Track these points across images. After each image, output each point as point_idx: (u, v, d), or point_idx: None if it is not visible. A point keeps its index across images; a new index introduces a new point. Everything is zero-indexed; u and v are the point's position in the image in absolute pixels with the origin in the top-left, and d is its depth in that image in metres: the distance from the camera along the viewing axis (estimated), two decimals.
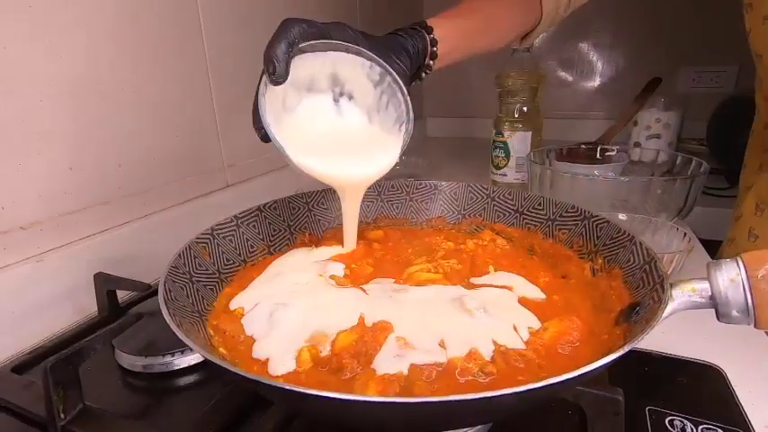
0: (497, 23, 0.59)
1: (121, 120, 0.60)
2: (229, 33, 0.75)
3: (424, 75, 0.52)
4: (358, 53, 0.43)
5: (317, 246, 0.50)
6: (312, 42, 0.40)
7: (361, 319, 0.34)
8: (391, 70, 0.44)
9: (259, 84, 0.39)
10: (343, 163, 0.43)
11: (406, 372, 0.29)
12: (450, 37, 0.51)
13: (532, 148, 0.92)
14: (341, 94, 0.45)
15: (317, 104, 0.43)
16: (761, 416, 0.37)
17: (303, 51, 0.40)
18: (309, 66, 0.41)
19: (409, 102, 0.45)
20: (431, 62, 0.51)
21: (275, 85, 0.38)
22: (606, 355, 0.25)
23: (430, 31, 0.49)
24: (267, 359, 0.33)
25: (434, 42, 0.49)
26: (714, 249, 0.69)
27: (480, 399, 0.22)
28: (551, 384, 0.23)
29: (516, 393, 0.23)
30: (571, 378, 0.23)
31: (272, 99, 0.40)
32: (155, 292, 0.55)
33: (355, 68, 0.43)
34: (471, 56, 0.57)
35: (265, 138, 0.40)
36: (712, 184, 0.94)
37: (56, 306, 0.54)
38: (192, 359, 0.45)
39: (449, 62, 0.53)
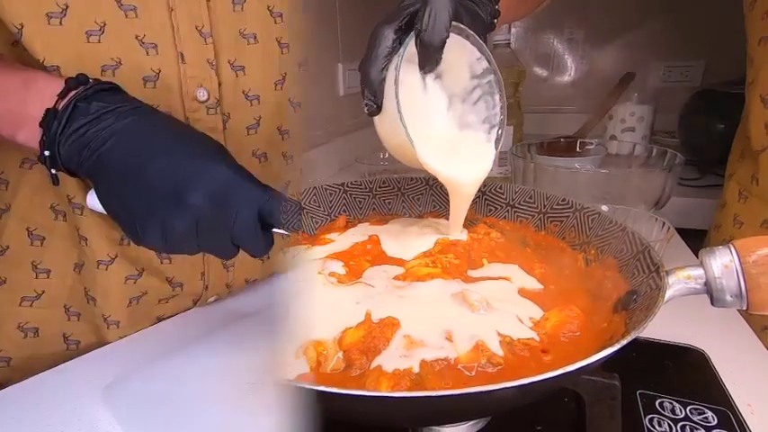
0: None
1: None
2: None
3: None
4: (474, 43, 0.41)
5: (311, 244, 0.49)
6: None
7: (368, 315, 0.34)
8: (497, 71, 0.42)
9: (388, 63, 0.37)
10: (461, 166, 0.43)
11: (417, 367, 0.30)
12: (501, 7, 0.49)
13: (514, 142, 0.93)
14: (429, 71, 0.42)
15: (410, 78, 0.40)
16: (742, 394, 0.39)
17: None
18: None
19: (506, 106, 0.43)
20: (486, 35, 0.48)
21: (426, 74, 0.38)
22: (609, 343, 0.26)
23: (496, 1, 0.46)
24: None
25: (497, 14, 0.46)
26: (689, 237, 0.71)
27: (497, 390, 0.23)
28: (565, 374, 0.24)
29: (531, 383, 0.23)
30: (582, 366, 0.24)
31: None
32: None
33: (462, 54, 0.42)
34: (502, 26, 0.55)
35: (374, 113, 0.38)
36: (684, 174, 0.98)
37: None
38: None
39: None
